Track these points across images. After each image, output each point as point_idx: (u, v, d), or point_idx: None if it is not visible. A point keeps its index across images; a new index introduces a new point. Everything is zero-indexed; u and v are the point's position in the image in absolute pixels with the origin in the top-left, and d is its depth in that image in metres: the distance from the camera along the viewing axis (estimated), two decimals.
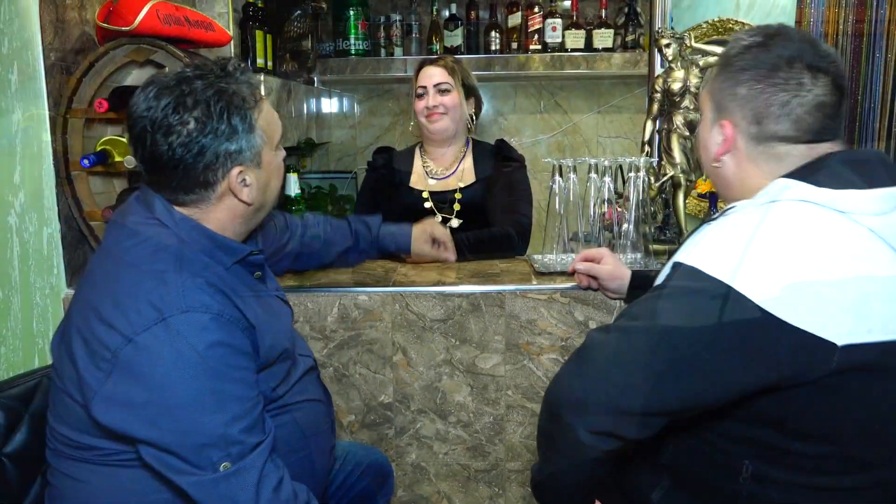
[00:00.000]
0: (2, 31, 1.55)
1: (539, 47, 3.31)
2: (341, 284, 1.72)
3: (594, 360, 0.94)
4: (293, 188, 1.92)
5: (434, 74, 2.16)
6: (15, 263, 1.58)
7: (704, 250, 0.95)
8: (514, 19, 3.35)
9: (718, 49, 2.13)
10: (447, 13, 3.38)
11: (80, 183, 1.71)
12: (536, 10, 3.30)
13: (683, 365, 0.90)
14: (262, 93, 1.22)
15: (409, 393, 1.72)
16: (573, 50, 3.29)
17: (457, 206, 2.15)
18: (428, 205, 2.15)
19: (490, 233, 2.02)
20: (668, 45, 1.98)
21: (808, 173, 0.98)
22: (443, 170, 2.21)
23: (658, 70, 2.15)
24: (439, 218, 2.12)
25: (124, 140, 1.74)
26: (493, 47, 3.35)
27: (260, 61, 2.57)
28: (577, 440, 0.93)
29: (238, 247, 1.15)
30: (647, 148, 2.09)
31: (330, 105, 3.70)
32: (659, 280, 1.02)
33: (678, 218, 2.00)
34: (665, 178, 1.99)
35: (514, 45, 3.36)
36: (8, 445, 1.20)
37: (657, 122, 2.07)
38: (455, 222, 2.14)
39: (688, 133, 1.98)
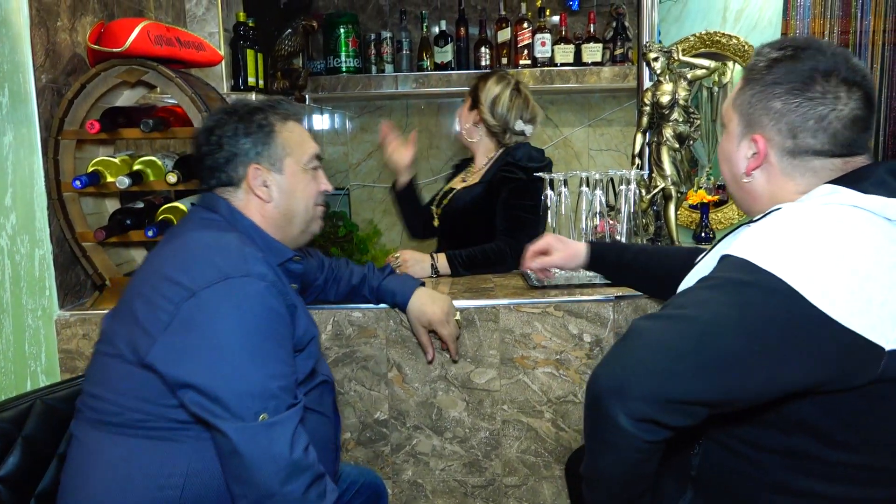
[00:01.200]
0: None
1: (529, 62, 3.34)
2: (335, 301, 1.71)
3: (637, 346, 0.91)
4: None
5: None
6: (7, 285, 1.57)
7: (755, 244, 0.93)
8: (504, 35, 3.39)
9: (706, 62, 2.16)
10: (437, 30, 3.41)
11: (71, 204, 1.71)
12: (525, 25, 3.33)
13: (730, 356, 0.88)
14: (300, 119, 1.37)
15: (404, 409, 1.71)
16: (562, 64, 3.32)
17: (445, 202, 2.25)
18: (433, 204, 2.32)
19: (482, 249, 2.02)
20: (655, 59, 2.00)
21: (854, 180, 0.97)
22: (472, 174, 2.29)
23: (647, 83, 2.17)
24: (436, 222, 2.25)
25: (116, 161, 1.74)
26: (483, 63, 3.38)
27: (251, 80, 2.59)
28: (618, 427, 0.90)
29: (281, 247, 1.31)
30: (637, 160, 2.10)
31: (322, 122, 3.72)
32: (700, 272, 1.00)
33: (669, 229, 2.01)
34: (656, 191, 2.00)
35: (504, 61, 3.39)
36: (0, 469, 1.18)
37: (647, 134, 2.09)
38: (436, 221, 2.29)
39: (677, 145, 2.00)
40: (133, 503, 1.11)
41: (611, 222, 1.96)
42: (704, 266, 1.01)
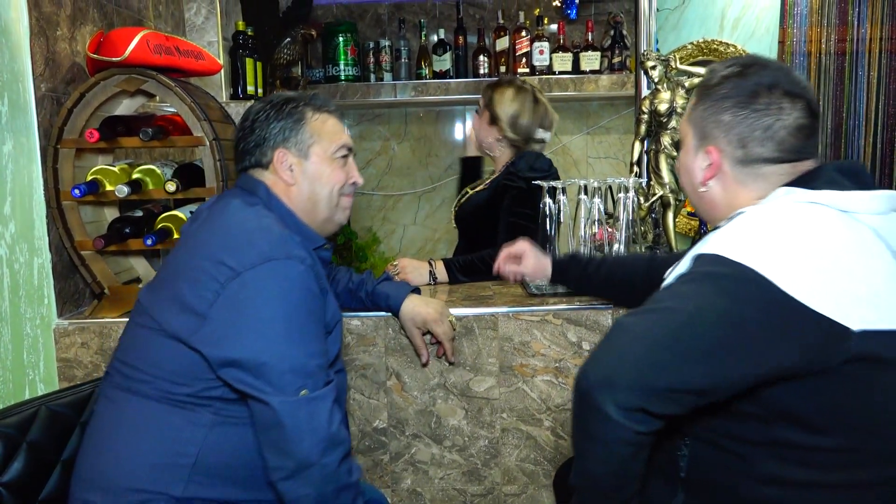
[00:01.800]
0: None
1: (527, 70, 3.35)
2: None
3: (622, 340, 0.96)
4: None
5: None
6: (5, 294, 1.57)
7: (725, 241, 1.00)
8: (502, 43, 3.40)
9: (703, 70, 2.16)
10: (435, 38, 3.42)
11: (70, 213, 1.71)
12: (524, 34, 3.35)
13: (712, 343, 0.93)
14: (334, 113, 1.42)
15: (403, 418, 1.71)
16: (561, 72, 3.33)
17: (461, 202, 2.29)
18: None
19: (480, 256, 2.02)
20: (653, 67, 2.01)
21: (805, 182, 1.05)
22: (487, 179, 2.29)
23: (645, 91, 2.17)
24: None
25: (115, 170, 1.74)
26: (481, 71, 3.39)
27: (250, 88, 2.60)
28: (608, 417, 0.93)
29: (314, 233, 1.37)
30: (635, 168, 2.11)
31: None
32: (678, 271, 1.05)
33: (668, 237, 2.01)
34: (654, 198, 2.01)
35: (503, 69, 3.40)
36: (5, 475, 1.19)
37: (645, 142, 2.10)
38: (453, 223, 2.34)
39: (675, 153, 2.00)
40: (148, 462, 1.18)
41: (609, 230, 1.96)
42: (679, 267, 1.06)
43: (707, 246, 1.01)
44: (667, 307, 0.96)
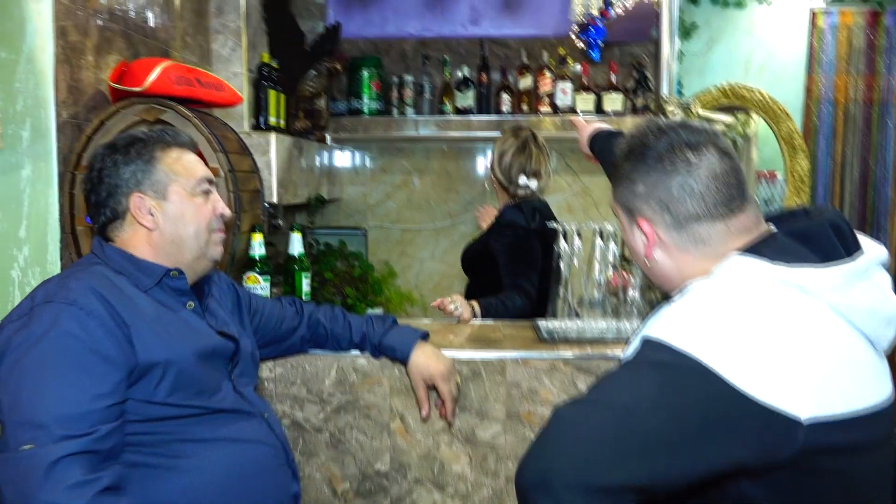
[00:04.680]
0: (18, 89, 1.58)
1: (549, 110, 3.35)
2: None
3: (558, 436, 0.91)
4: (296, 247, 1.91)
5: None
6: None
7: (669, 324, 0.94)
8: (525, 82, 3.41)
9: (724, 117, 2.14)
10: (459, 75, 3.44)
11: (84, 238, 1.72)
12: (547, 73, 3.35)
13: (650, 440, 0.87)
14: (186, 146, 1.37)
15: (405, 462, 1.67)
16: (583, 112, 3.32)
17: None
18: None
19: (500, 300, 2.11)
20: (673, 113, 1.99)
21: (759, 249, 0.99)
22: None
23: None
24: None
25: None
26: (503, 108, 3.40)
27: (272, 119, 2.62)
28: None
29: (155, 266, 1.29)
30: None
31: (342, 162, 3.75)
32: (626, 353, 1.01)
33: None
34: None
35: (525, 107, 3.41)
36: None
37: None
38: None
39: None
40: None
41: (625, 275, 1.92)
42: (629, 348, 1.02)
43: (654, 327, 0.95)
44: (605, 399, 0.91)
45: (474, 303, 2.07)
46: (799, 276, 0.94)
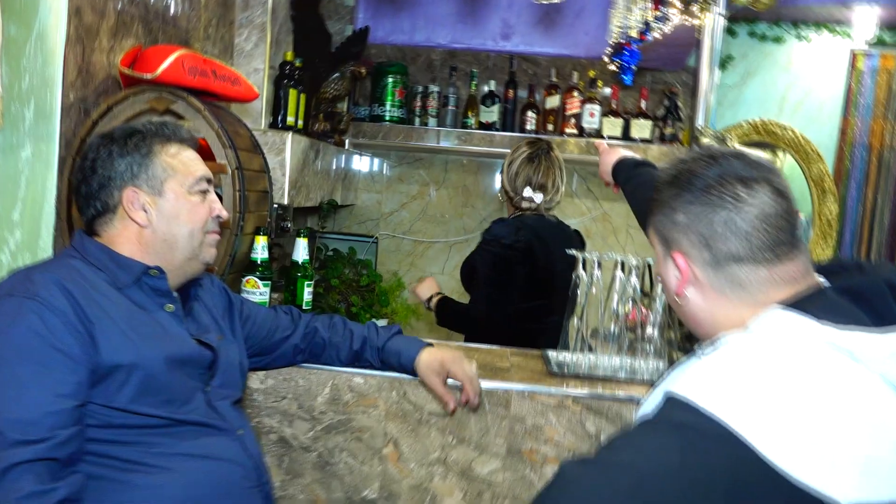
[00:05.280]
0: (25, 67, 1.52)
1: (575, 131, 3.26)
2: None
3: (561, 497, 0.81)
4: (301, 254, 1.83)
5: None
6: None
7: (698, 382, 0.84)
8: (553, 101, 3.32)
9: (761, 153, 2.04)
10: (486, 89, 3.36)
11: (79, 226, 1.64)
12: (576, 94, 3.27)
13: None
14: (186, 142, 1.30)
15: (395, 491, 1.56)
16: (610, 137, 3.23)
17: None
18: None
19: (467, 308, 2.24)
20: (707, 144, 1.89)
21: (806, 305, 0.88)
22: None
23: None
24: None
25: None
26: (528, 126, 3.31)
27: (290, 119, 2.55)
28: None
29: (134, 263, 1.22)
30: None
31: (359, 168, 3.67)
32: (644, 409, 0.91)
33: None
34: None
35: (550, 127, 3.32)
36: None
37: None
38: None
39: None
40: None
41: (644, 311, 1.82)
42: (649, 403, 0.91)
43: (680, 383, 0.85)
44: (619, 461, 0.81)
45: (436, 296, 2.26)
46: (849, 341, 0.83)
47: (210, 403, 1.24)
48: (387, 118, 3.35)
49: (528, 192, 2.20)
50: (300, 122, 2.63)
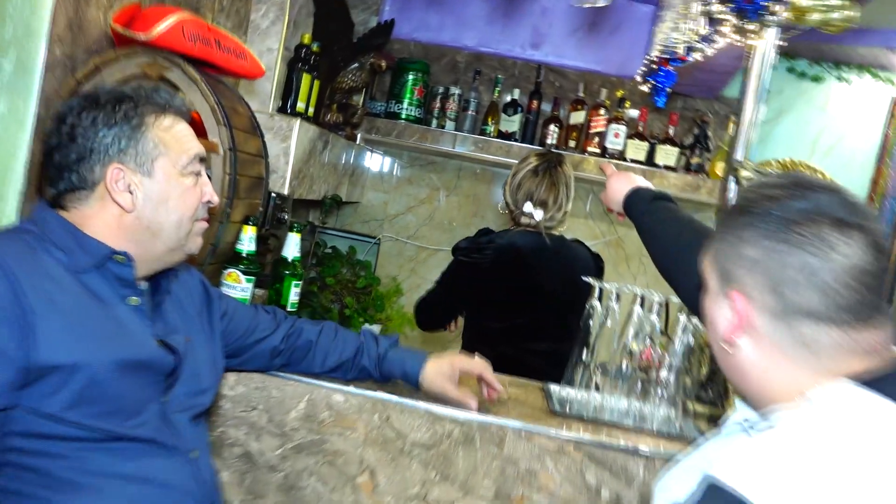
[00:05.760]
0: (9, 14, 1.38)
1: (598, 150, 3.11)
2: (319, 375, 1.44)
3: None
4: (292, 250, 1.67)
5: None
6: None
7: (749, 471, 0.69)
8: (577, 117, 3.17)
9: None
10: (509, 97, 3.22)
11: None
12: (602, 112, 3.12)
13: None
14: (182, 114, 1.14)
15: None
16: (633, 161, 3.08)
17: None
18: None
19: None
20: (748, 179, 1.73)
21: (885, 385, 0.73)
22: None
23: (732, 200, 1.89)
24: None
25: None
26: (548, 140, 3.16)
27: (301, 105, 2.40)
28: None
29: (99, 245, 1.06)
30: None
31: (368, 165, 3.53)
32: (675, 497, 0.77)
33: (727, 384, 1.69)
34: None
35: (572, 143, 3.17)
36: None
37: None
38: None
39: None
40: None
41: (660, 352, 1.66)
42: (679, 483, 0.77)
43: (727, 469, 0.70)
44: None
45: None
46: None
47: (165, 417, 1.08)
48: (403, 116, 3.21)
49: (528, 207, 2.06)
50: (311, 110, 2.48)
